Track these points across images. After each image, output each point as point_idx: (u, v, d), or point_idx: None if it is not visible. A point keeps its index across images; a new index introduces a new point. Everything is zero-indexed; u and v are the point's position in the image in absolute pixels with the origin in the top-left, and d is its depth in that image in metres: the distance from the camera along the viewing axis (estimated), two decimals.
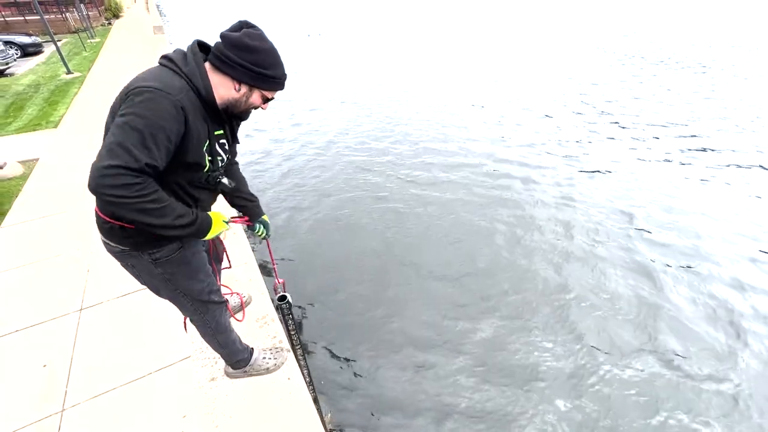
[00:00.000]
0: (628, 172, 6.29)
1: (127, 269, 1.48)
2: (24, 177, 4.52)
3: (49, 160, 4.93)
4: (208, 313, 1.68)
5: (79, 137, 5.61)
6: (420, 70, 13.47)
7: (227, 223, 1.43)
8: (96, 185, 1.05)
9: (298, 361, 2.20)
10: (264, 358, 2.04)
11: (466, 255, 4.46)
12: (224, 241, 1.88)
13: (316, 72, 13.25)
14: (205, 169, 1.32)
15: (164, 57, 1.21)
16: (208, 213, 1.36)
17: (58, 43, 10.15)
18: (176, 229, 1.20)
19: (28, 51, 12.87)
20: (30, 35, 13.98)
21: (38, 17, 11.31)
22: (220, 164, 1.38)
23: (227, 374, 2.04)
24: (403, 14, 33.57)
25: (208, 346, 1.88)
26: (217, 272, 1.86)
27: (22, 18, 17.61)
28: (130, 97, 1.09)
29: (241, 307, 2.36)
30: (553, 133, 7.86)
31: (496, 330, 3.57)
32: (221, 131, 1.35)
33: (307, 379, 2.25)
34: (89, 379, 2.11)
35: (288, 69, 1.26)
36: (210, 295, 1.62)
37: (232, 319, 1.88)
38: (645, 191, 5.72)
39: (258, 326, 2.35)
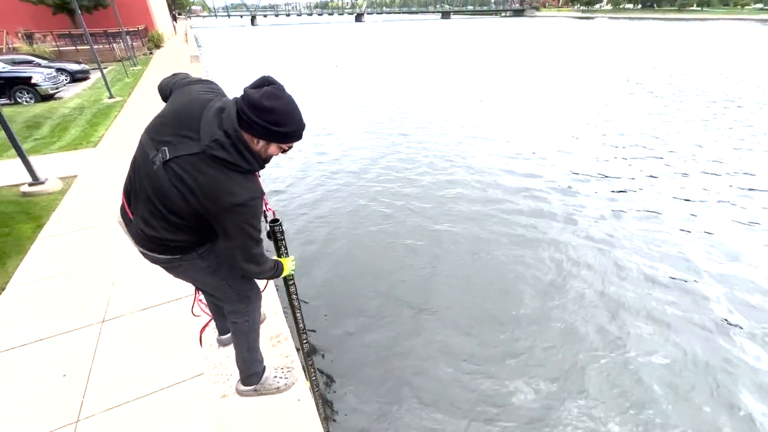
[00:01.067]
0: (680, 215, 5.78)
1: (172, 271, 1.62)
2: (62, 192, 4.80)
3: (86, 178, 5.23)
4: (250, 305, 1.80)
5: (115, 157, 5.96)
6: (445, 100, 13.57)
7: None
8: (246, 267, 1.48)
9: (310, 384, 2.17)
10: (275, 377, 2.04)
11: (496, 303, 4.13)
12: None
13: (341, 101, 13.52)
14: None
15: (229, 162, 1.29)
16: (281, 261, 1.76)
17: (104, 70, 10.96)
18: (273, 275, 1.66)
19: (76, 77, 14.02)
20: (79, 63, 15.23)
21: (88, 47, 12.28)
22: None
23: (238, 392, 2.03)
24: (426, 48, 34.56)
25: (221, 362, 1.89)
26: None
27: (74, 48, 19.23)
28: (237, 211, 1.33)
29: None
30: (590, 168, 7.46)
31: (523, 395, 3.16)
32: None
33: (318, 402, 2.21)
34: (105, 391, 2.15)
35: (315, 98, 1.31)
36: (251, 281, 1.80)
37: None
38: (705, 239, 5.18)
39: (271, 345, 2.35)
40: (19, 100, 10.64)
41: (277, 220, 1.82)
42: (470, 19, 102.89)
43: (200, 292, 2.05)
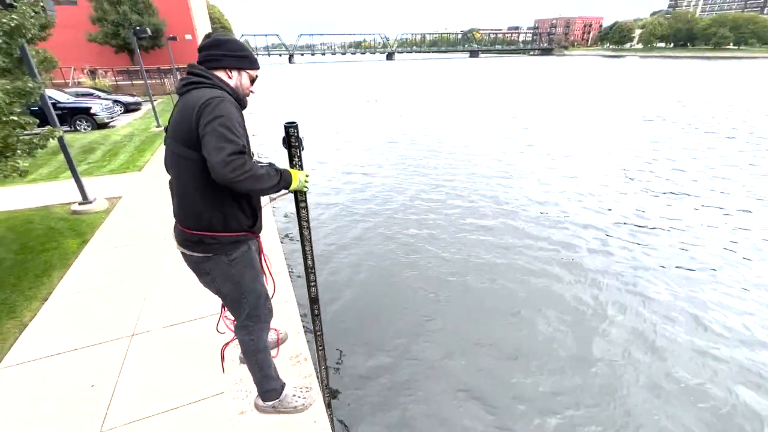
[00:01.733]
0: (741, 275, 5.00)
1: (201, 277, 1.70)
2: (107, 211, 5.13)
3: (129, 199, 5.59)
4: (259, 323, 1.84)
5: (157, 180, 6.37)
6: (475, 137, 13.44)
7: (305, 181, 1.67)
8: (226, 172, 1.31)
9: (326, 408, 2.14)
10: (294, 395, 2.03)
11: (533, 372, 3.56)
12: (269, 276, 1.98)
13: (373, 136, 13.56)
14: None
15: (196, 83, 1.48)
16: (290, 171, 1.60)
17: (154, 102, 11.91)
18: (278, 184, 1.50)
19: (129, 108, 15.36)
20: (133, 95, 16.71)
21: (143, 81, 13.47)
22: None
23: (257, 407, 2.03)
24: (455, 85, 35.35)
25: (241, 378, 1.90)
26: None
27: (130, 82, 21.15)
28: (205, 109, 1.37)
29: (277, 343, 2.40)
30: (643, 214, 6.83)
31: None
32: None
33: (333, 425, 2.16)
34: (129, 404, 2.19)
35: (347, 133, 1.37)
36: (265, 302, 1.84)
37: None
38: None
39: (290, 364, 2.35)
40: (78, 128, 11.69)
41: (294, 122, 1.65)
42: (498, 58, 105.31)
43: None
